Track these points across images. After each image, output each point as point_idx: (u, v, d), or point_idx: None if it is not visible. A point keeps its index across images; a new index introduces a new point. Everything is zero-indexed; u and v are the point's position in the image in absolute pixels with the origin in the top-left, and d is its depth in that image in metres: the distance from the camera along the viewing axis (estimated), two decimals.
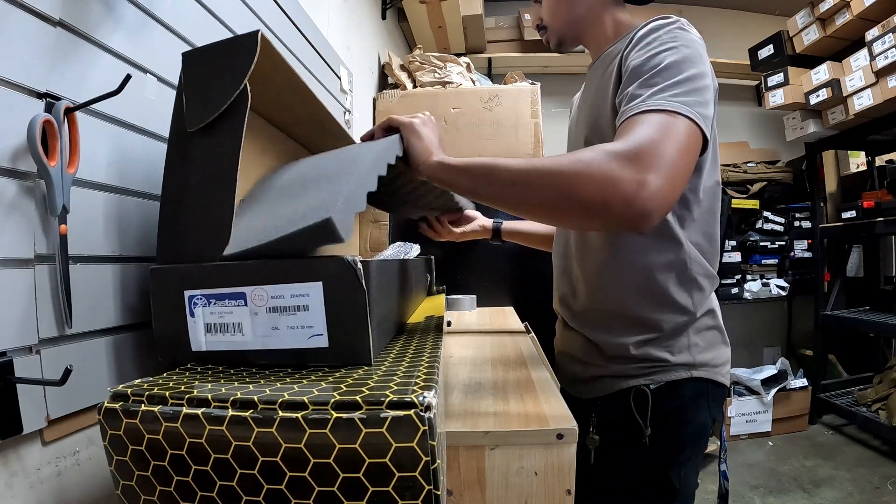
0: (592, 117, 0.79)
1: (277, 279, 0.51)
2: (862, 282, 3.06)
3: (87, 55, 0.60)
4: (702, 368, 0.77)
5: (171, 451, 0.41)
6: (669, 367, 0.76)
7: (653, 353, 0.76)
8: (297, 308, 0.51)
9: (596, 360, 0.82)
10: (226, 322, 0.53)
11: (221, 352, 0.54)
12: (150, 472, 0.42)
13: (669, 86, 0.61)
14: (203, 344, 0.54)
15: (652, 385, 0.75)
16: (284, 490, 0.39)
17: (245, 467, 0.39)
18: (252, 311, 0.52)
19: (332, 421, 0.38)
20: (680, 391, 0.76)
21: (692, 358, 0.76)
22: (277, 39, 1.12)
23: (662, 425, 0.75)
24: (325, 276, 0.50)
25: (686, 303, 0.76)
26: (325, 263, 0.50)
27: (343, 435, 0.38)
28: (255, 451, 0.39)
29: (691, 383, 0.76)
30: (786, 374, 2.77)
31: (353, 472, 0.38)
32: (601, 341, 0.80)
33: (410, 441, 0.37)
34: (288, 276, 0.51)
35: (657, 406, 0.75)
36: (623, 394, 0.77)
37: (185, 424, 0.40)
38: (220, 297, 0.53)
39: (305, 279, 0.50)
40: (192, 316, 0.54)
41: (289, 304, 0.51)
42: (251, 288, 0.52)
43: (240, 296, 0.52)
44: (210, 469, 0.40)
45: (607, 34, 0.84)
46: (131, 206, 0.68)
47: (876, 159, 2.82)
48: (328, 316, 0.50)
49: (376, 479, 0.38)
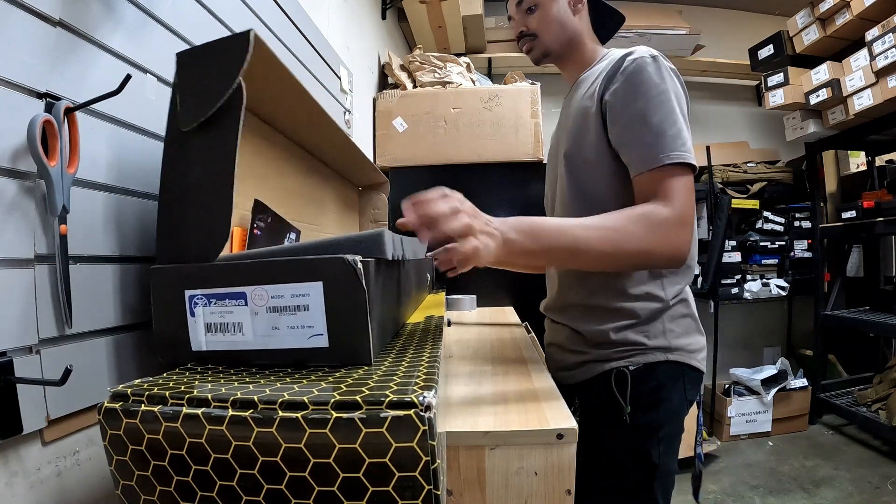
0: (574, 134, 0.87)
1: (278, 279, 0.51)
2: (862, 282, 3.06)
3: (87, 55, 0.60)
4: (677, 352, 0.84)
5: (171, 451, 0.41)
6: (647, 350, 0.83)
7: (631, 337, 0.84)
8: (298, 308, 0.51)
9: (581, 348, 0.89)
10: (226, 322, 0.53)
11: (221, 352, 0.54)
12: (150, 472, 0.42)
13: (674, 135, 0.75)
14: (203, 344, 0.54)
15: (631, 367, 0.82)
16: (284, 490, 0.39)
17: (245, 467, 0.39)
18: (252, 311, 0.52)
19: (332, 421, 0.38)
20: (657, 373, 0.83)
21: (668, 342, 0.84)
22: (277, 39, 1.12)
23: (641, 404, 0.81)
24: (326, 276, 0.50)
25: (658, 292, 0.85)
26: (325, 263, 0.50)
27: (343, 435, 0.38)
28: (254, 450, 0.39)
29: (668, 366, 0.83)
30: (786, 374, 2.77)
31: (353, 471, 0.38)
32: (584, 330, 0.88)
33: (410, 441, 0.37)
34: (288, 275, 0.51)
35: (636, 386, 0.81)
36: (605, 376, 0.84)
37: (185, 424, 0.40)
38: (220, 296, 0.53)
39: (306, 279, 0.50)
40: (192, 316, 0.54)
41: (289, 304, 0.51)
42: (252, 288, 0.52)
43: (240, 295, 0.52)
44: (210, 469, 0.40)
45: (585, 58, 0.94)
46: (131, 206, 0.68)
47: (876, 159, 2.82)
48: (328, 316, 0.50)
49: (376, 479, 0.38)
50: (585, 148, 0.85)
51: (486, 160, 2.14)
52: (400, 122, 2.15)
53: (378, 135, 2.16)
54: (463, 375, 0.79)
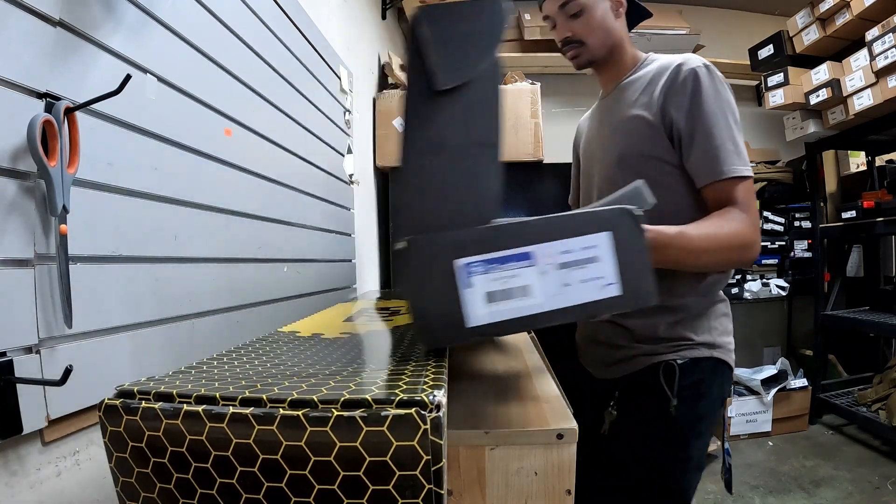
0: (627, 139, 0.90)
1: (563, 234, 0.51)
2: (862, 282, 3.06)
3: (87, 55, 0.60)
4: (719, 349, 0.88)
5: (172, 449, 0.41)
6: (694, 346, 0.87)
7: (680, 332, 0.88)
8: (588, 261, 0.51)
9: (627, 342, 0.91)
10: (510, 287, 0.50)
11: (505, 322, 0.51)
12: (149, 469, 0.41)
13: (736, 148, 0.84)
14: (485, 316, 0.51)
15: (679, 360, 0.86)
16: (284, 488, 0.39)
17: (245, 465, 0.39)
18: (540, 271, 0.50)
19: (333, 419, 0.38)
20: (701, 367, 0.86)
21: (712, 339, 0.88)
22: (277, 39, 1.12)
23: (684, 397, 0.85)
24: (613, 226, 0.51)
25: (705, 291, 0.89)
26: (609, 214, 0.52)
27: (344, 433, 0.37)
28: (255, 448, 0.39)
29: (711, 362, 0.87)
30: (786, 374, 2.77)
31: (354, 470, 0.38)
32: (632, 325, 0.90)
33: (411, 440, 0.37)
34: (575, 230, 0.51)
35: (682, 379, 0.85)
36: (652, 369, 0.87)
37: (185, 422, 0.40)
38: (500, 260, 0.50)
39: (592, 230, 0.51)
40: (468, 287, 0.50)
41: (579, 258, 0.51)
42: (537, 247, 0.50)
43: (524, 256, 0.50)
44: (210, 466, 0.40)
45: (626, 63, 0.95)
46: (131, 206, 0.68)
47: (876, 159, 2.82)
48: (620, 264, 0.51)
49: (377, 478, 0.38)
50: (644, 150, 0.88)
51: None
52: (400, 122, 2.14)
53: (378, 135, 2.16)
54: (463, 375, 0.79)
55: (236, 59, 0.94)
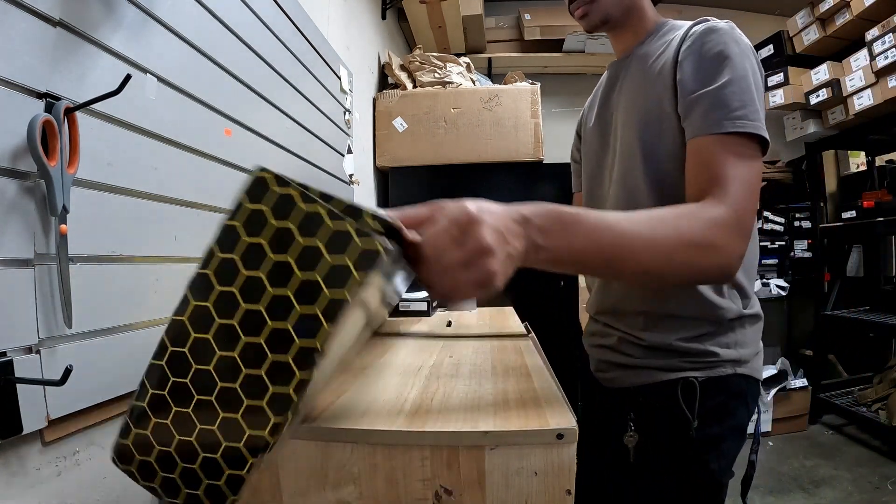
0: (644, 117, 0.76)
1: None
2: (862, 282, 3.06)
3: (87, 55, 0.60)
4: (745, 365, 0.77)
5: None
6: (718, 363, 0.75)
7: (702, 347, 0.75)
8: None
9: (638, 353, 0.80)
10: None
11: None
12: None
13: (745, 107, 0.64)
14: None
15: (700, 378, 0.74)
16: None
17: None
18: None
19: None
20: (726, 385, 0.75)
21: (738, 355, 0.76)
22: (277, 39, 1.12)
23: (706, 417, 0.74)
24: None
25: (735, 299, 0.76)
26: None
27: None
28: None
29: (736, 379, 0.76)
30: (786, 374, 2.77)
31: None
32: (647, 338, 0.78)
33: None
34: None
35: (704, 399, 0.73)
36: (667, 385, 0.75)
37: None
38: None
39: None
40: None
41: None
42: None
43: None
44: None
45: (644, 26, 0.82)
46: (131, 206, 0.68)
47: (876, 159, 2.82)
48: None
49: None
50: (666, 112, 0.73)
51: (485, 160, 2.14)
52: (400, 122, 2.15)
53: (378, 135, 2.16)
54: (463, 375, 0.79)
55: (236, 60, 0.94)
